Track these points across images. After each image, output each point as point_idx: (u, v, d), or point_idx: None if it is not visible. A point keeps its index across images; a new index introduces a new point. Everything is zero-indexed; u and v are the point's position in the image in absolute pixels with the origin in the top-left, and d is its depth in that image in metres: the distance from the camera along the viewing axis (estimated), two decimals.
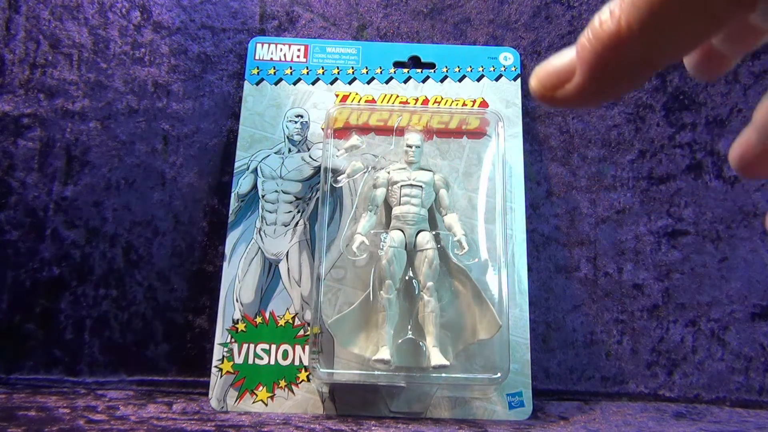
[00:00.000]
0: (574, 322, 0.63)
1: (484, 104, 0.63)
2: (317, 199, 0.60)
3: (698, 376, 0.62)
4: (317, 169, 0.61)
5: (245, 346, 0.56)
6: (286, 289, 0.58)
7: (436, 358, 0.52)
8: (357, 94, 0.64)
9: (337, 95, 0.64)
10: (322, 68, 0.64)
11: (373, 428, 0.50)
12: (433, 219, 0.57)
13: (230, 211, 0.60)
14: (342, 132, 0.60)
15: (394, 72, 0.65)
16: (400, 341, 0.54)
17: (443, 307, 0.55)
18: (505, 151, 0.60)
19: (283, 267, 0.59)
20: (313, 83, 0.64)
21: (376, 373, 0.53)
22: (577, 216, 0.65)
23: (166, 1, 0.69)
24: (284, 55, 0.65)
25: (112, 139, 0.65)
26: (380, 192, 0.57)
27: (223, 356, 0.56)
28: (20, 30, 0.67)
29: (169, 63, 0.67)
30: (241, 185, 0.61)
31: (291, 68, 0.64)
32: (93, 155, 0.65)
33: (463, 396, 0.55)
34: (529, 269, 0.60)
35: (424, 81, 0.64)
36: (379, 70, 0.65)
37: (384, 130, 0.61)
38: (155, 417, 0.51)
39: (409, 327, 0.55)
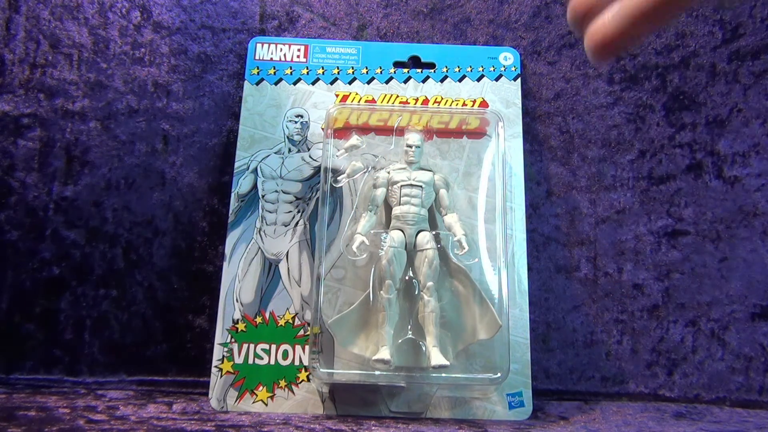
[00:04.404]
0: (574, 322, 0.63)
1: (484, 104, 0.63)
2: (317, 199, 0.60)
3: (698, 376, 0.62)
4: (317, 169, 0.61)
5: (245, 346, 0.56)
6: (286, 289, 0.58)
7: (436, 358, 0.52)
8: (357, 94, 0.64)
9: (337, 95, 0.64)
10: (322, 68, 0.64)
11: (373, 428, 0.50)
12: (433, 219, 0.57)
13: (230, 211, 0.60)
14: (342, 132, 0.60)
15: (394, 72, 0.65)
16: (400, 341, 0.54)
17: (443, 307, 0.55)
18: (505, 151, 0.60)
19: (283, 267, 0.59)
20: (313, 83, 0.64)
21: (376, 373, 0.53)
22: (577, 216, 0.65)
23: (166, 1, 0.69)
24: (284, 55, 0.65)
25: (112, 139, 0.65)
26: (380, 192, 0.57)
27: (223, 356, 0.56)
28: (20, 30, 0.67)
29: (169, 63, 0.67)
30: (241, 185, 0.61)
31: (291, 68, 0.64)
32: (93, 155, 0.65)
33: (463, 396, 0.55)
34: (529, 269, 0.60)
35: (424, 81, 0.64)
36: (379, 70, 0.65)
37: (384, 130, 0.61)
38: (155, 417, 0.51)
39: (409, 327, 0.55)
